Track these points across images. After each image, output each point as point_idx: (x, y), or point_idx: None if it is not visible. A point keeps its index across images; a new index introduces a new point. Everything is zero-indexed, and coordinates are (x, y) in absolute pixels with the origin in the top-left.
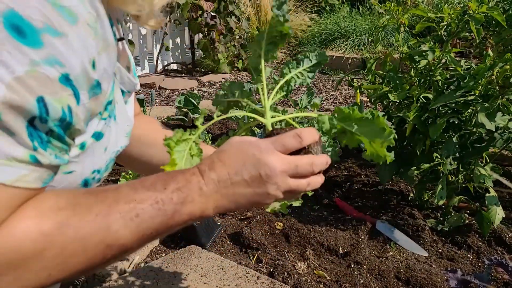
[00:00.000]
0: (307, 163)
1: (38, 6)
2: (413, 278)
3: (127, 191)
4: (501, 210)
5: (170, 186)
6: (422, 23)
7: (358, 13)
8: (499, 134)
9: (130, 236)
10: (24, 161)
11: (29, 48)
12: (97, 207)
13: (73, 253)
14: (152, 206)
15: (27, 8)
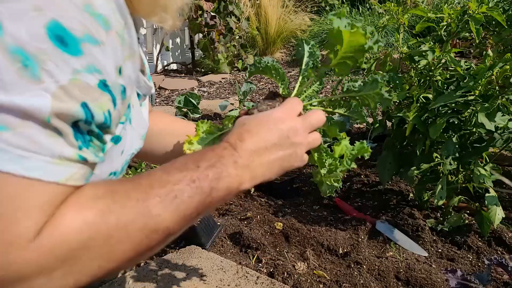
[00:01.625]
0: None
1: (78, 16)
2: (413, 278)
3: (160, 174)
4: (501, 210)
5: (203, 164)
6: (422, 23)
7: (358, 13)
8: (499, 134)
9: (171, 219)
10: (73, 160)
11: (71, 57)
12: (135, 193)
13: (118, 240)
14: (189, 186)
15: (68, 18)
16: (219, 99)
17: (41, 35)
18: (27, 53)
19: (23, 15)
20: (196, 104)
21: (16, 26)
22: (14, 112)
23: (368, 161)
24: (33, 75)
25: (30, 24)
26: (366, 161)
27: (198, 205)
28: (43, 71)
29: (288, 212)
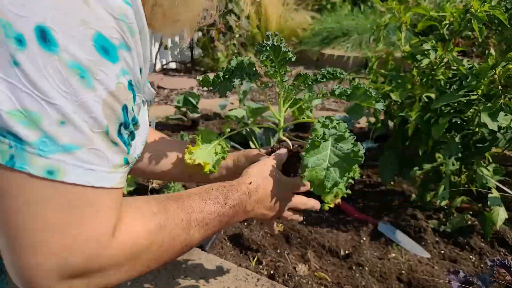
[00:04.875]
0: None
1: (115, 26)
2: (415, 279)
3: (199, 201)
4: (504, 211)
5: (229, 202)
6: (424, 21)
7: (359, 12)
8: (502, 134)
9: (199, 239)
10: (122, 165)
11: (113, 64)
12: (181, 213)
13: (166, 248)
14: (217, 219)
15: (108, 29)
16: (219, 99)
17: (90, 48)
18: (82, 66)
19: (72, 29)
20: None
21: (69, 41)
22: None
23: (370, 161)
24: (88, 84)
25: (80, 39)
26: (368, 162)
27: (217, 230)
28: (95, 80)
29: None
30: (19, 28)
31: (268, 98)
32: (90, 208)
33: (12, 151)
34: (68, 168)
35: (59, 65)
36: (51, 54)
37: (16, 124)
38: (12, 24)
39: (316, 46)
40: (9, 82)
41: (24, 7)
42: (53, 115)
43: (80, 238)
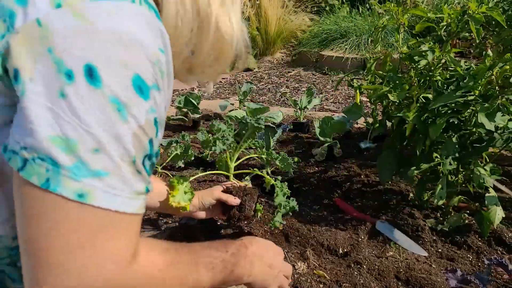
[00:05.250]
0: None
1: (150, 69)
2: (413, 278)
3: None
4: (501, 210)
5: (229, 250)
6: (421, 23)
7: (358, 13)
8: (499, 134)
9: (207, 281)
10: (143, 193)
11: (144, 101)
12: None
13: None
14: (222, 264)
15: (144, 71)
16: (219, 99)
17: (128, 86)
18: (120, 102)
19: (115, 70)
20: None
21: (111, 79)
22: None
23: (368, 161)
24: (123, 118)
25: (121, 78)
26: (366, 161)
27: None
28: (130, 115)
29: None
30: (69, 65)
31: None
32: (112, 232)
33: (49, 174)
34: (97, 192)
35: (101, 99)
36: (95, 88)
37: (55, 149)
38: (64, 62)
39: (315, 48)
40: (54, 111)
41: (76, 47)
42: (89, 143)
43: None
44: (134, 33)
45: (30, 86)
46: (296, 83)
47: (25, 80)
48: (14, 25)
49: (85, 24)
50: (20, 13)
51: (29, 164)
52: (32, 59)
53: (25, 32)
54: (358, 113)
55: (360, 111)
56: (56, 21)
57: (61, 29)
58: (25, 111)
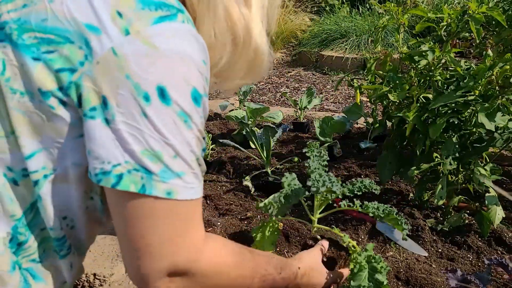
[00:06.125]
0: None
1: (201, 81)
2: (413, 278)
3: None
4: (501, 210)
5: (282, 273)
6: (422, 23)
7: (358, 13)
8: (499, 134)
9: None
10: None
11: (199, 108)
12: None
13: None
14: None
15: (198, 84)
16: (219, 99)
17: (189, 100)
18: (186, 114)
19: (180, 87)
20: None
21: (178, 96)
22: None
23: (368, 161)
24: (189, 126)
25: (184, 94)
26: (366, 161)
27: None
28: (192, 123)
29: (288, 212)
30: (145, 88)
31: (268, 100)
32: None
33: (144, 181)
34: (180, 189)
35: (172, 114)
36: (167, 106)
37: (146, 160)
38: (141, 86)
39: (315, 48)
40: (139, 129)
41: (148, 72)
42: (170, 152)
43: (184, 244)
44: (188, 51)
45: (118, 110)
46: (296, 83)
47: (113, 105)
48: (92, 54)
49: (153, 50)
50: (94, 41)
51: (125, 176)
52: (115, 86)
53: (104, 62)
54: (358, 113)
55: (360, 111)
56: (129, 50)
57: (134, 56)
58: (118, 132)
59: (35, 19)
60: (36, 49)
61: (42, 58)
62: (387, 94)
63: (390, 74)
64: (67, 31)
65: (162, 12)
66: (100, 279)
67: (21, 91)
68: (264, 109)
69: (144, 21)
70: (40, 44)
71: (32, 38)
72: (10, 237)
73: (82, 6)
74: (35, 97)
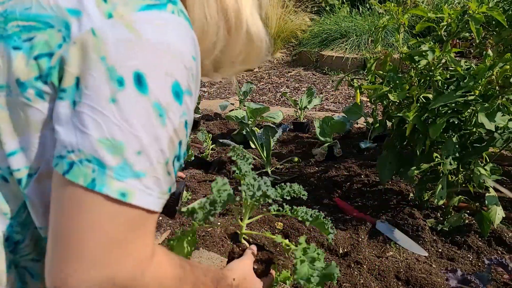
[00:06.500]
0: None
1: (185, 75)
2: (413, 278)
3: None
4: (501, 210)
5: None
6: (422, 23)
7: (358, 13)
8: (499, 134)
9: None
10: (167, 193)
11: (180, 106)
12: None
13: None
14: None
15: (182, 78)
16: (219, 99)
17: (168, 93)
18: (162, 107)
19: (160, 77)
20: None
21: (156, 86)
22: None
23: (368, 161)
24: (163, 122)
25: (164, 85)
26: (366, 161)
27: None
28: (167, 119)
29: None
30: (121, 72)
31: (268, 100)
32: (142, 229)
33: (95, 174)
34: (136, 192)
35: (146, 105)
36: (142, 95)
37: (102, 150)
38: (116, 69)
39: (315, 48)
40: (104, 114)
41: (127, 56)
42: (135, 145)
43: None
44: (176, 43)
45: (85, 93)
46: (296, 83)
47: (82, 87)
48: (70, 35)
49: (135, 35)
50: (74, 24)
51: (76, 166)
52: (87, 67)
53: (81, 42)
54: (358, 113)
55: (360, 111)
56: (109, 32)
57: (114, 39)
58: (80, 115)
59: (20, 8)
60: (17, 37)
61: (22, 46)
62: (387, 94)
63: (390, 74)
64: (49, 16)
65: (151, 0)
66: None
67: (1, 84)
68: (264, 109)
69: (130, 7)
70: (22, 32)
71: (15, 27)
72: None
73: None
74: (12, 90)
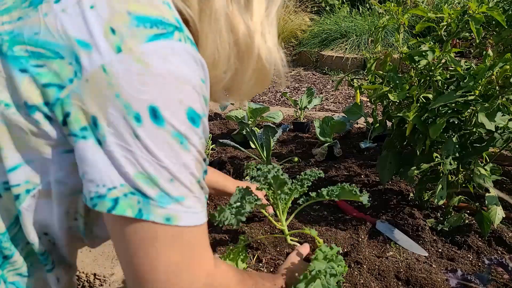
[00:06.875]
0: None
1: (200, 101)
2: (413, 278)
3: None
4: (501, 210)
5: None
6: (422, 23)
7: (358, 13)
8: (499, 134)
9: None
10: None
11: (197, 129)
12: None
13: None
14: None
15: (196, 104)
16: None
17: (185, 120)
18: (181, 135)
19: (173, 107)
20: None
21: (172, 116)
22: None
23: (368, 161)
24: (186, 148)
25: (179, 114)
26: (366, 161)
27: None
28: (189, 144)
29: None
30: (136, 108)
31: (268, 100)
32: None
33: (140, 205)
34: (180, 214)
35: (166, 136)
36: (160, 127)
37: (141, 183)
38: (131, 105)
39: (315, 48)
40: (131, 151)
41: (140, 91)
42: (166, 175)
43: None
44: (184, 70)
45: (109, 130)
46: (296, 83)
47: (103, 125)
48: (81, 71)
49: (145, 68)
50: (85, 58)
51: (122, 200)
52: (103, 105)
53: (94, 80)
54: (358, 113)
55: (360, 111)
56: (120, 68)
57: (125, 75)
58: (111, 154)
59: (28, 32)
60: (25, 61)
61: (30, 71)
62: (387, 94)
63: (390, 74)
64: (58, 46)
65: (158, 30)
66: (100, 279)
67: (6, 102)
68: (264, 109)
69: (138, 39)
70: (30, 57)
71: (23, 51)
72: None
73: (75, 20)
74: (21, 109)
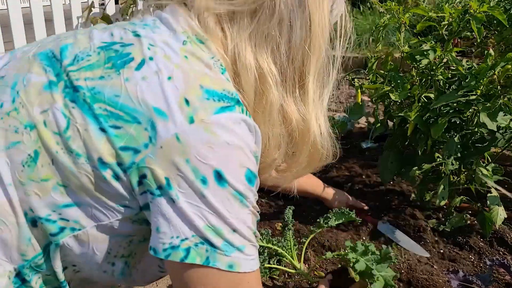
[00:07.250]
0: None
1: (253, 162)
2: (415, 279)
3: None
4: (503, 210)
5: None
6: (423, 22)
7: (359, 12)
8: (501, 134)
9: None
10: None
11: (252, 187)
12: None
13: None
14: None
15: (251, 165)
16: None
17: (243, 180)
18: (240, 194)
19: (235, 170)
20: None
21: (234, 179)
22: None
23: (369, 161)
24: (244, 205)
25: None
26: (368, 161)
27: None
28: (247, 201)
29: None
30: (203, 172)
31: None
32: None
33: (208, 253)
34: (241, 261)
35: (228, 195)
36: (223, 188)
37: (208, 234)
38: (199, 170)
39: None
40: (201, 208)
41: (207, 157)
42: (228, 228)
43: None
44: (243, 137)
45: (180, 191)
46: None
47: (175, 186)
48: (156, 138)
49: (213, 138)
50: (160, 126)
51: (192, 249)
52: (175, 169)
53: (167, 147)
54: (359, 112)
55: (362, 111)
56: (191, 136)
57: (196, 143)
58: (184, 211)
59: (108, 92)
60: (104, 120)
61: (108, 131)
62: (389, 94)
63: (391, 74)
64: (136, 111)
65: (224, 103)
66: None
67: (77, 152)
68: None
69: (208, 111)
70: (109, 117)
71: (102, 110)
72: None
73: (154, 89)
74: (91, 162)
